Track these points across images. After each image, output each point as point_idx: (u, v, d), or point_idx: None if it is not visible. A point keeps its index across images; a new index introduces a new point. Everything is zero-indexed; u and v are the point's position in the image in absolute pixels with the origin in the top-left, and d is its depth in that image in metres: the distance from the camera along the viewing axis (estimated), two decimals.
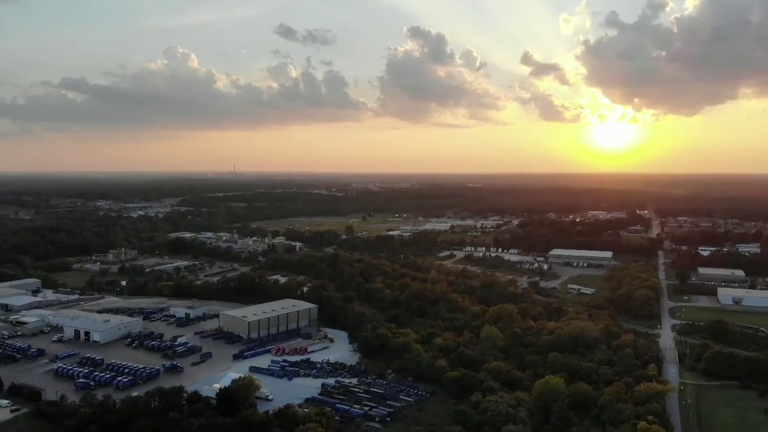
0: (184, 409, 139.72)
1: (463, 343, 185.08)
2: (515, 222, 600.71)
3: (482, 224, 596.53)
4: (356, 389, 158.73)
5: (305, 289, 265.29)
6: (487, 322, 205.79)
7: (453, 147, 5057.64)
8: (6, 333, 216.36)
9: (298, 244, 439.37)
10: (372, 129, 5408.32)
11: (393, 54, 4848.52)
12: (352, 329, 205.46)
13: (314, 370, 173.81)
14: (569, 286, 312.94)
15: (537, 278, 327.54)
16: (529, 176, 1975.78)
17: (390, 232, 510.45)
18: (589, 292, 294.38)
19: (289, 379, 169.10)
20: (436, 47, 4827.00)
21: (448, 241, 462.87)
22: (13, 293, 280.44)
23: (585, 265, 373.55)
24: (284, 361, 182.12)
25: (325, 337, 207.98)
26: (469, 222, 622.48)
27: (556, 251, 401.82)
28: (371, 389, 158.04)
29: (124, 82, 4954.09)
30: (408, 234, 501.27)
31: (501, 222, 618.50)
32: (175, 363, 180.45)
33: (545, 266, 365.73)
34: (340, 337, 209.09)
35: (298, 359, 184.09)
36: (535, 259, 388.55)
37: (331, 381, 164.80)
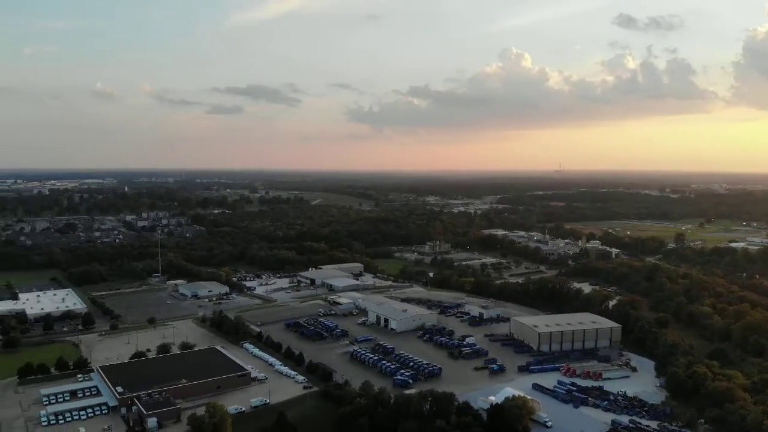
0: (452, 419, 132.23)
1: None
2: None
3: None
4: None
5: (611, 303, 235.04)
6: None
7: None
8: (322, 311, 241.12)
9: (614, 251, 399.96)
10: (722, 121, 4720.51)
11: (751, 35, 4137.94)
12: (662, 360, 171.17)
13: (606, 402, 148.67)
14: None
15: None
16: None
17: (732, 244, 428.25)
18: None
19: (575, 407, 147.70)
20: None
21: None
22: (339, 275, 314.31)
23: None
24: (573, 384, 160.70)
25: (627, 364, 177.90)
26: None
27: None
28: None
29: (461, 87, 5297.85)
30: (757, 247, 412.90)
31: None
32: (501, 365, 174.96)
33: None
34: (644, 366, 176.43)
35: (590, 385, 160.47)
36: None
37: (624, 419, 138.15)
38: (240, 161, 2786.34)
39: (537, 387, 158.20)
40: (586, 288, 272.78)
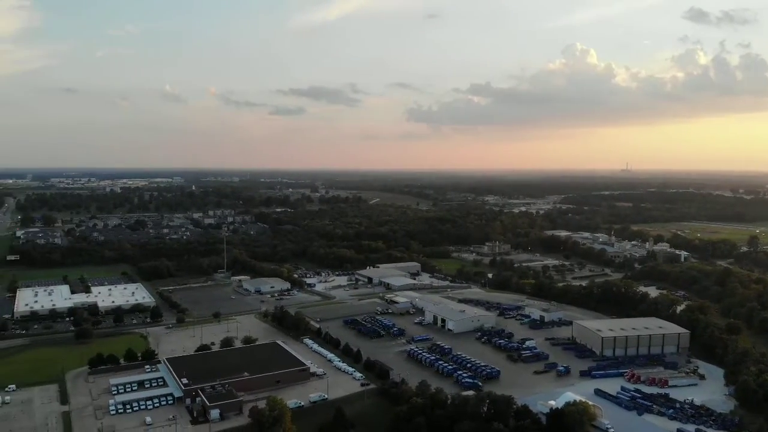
0: (510, 422, 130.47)
1: None
2: None
3: None
4: None
5: (679, 308, 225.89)
6: None
7: None
8: (379, 309, 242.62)
9: (683, 254, 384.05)
10: None
11: None
12: (731, 368, 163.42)
13: (671, 410, 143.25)
14: None
15: None
16: None
17: None
18: None
19: (639, 414, 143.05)
20: None
21: None
22: (396, 274, 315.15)
23: None
24: (637, 390, 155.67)
25: (694, 371, 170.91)
26: None
27: None
28: None
29: (523, 84, 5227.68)
30: None
31: None
32: (567, 367, 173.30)
33: None
34: (713, 374, 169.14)
35: (655, 392, 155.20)
36: None
37: (690, 428, 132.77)
38: (301, 161, 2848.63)
39: (599, 392, 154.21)
40: (653, 292, 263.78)
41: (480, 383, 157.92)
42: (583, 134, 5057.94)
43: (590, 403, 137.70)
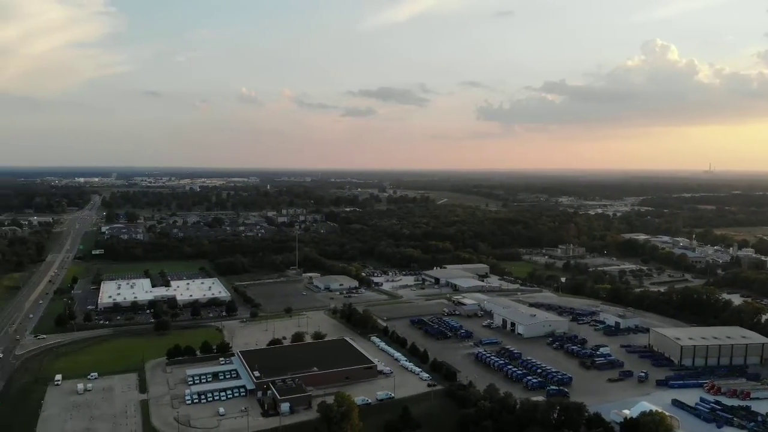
0: (582, 430, 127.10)
1: None
2: None
3: None
4: None
5: (764, 317, 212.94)
6: None
7: None
8: (446, 311, 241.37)
9: None
10: None
11: None
12: None
13: (752, 423, 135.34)
14: None
15: None
16: None
17: None
18: None
19: (718, 427, 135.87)
20: None
21: None
22: (464, 275, 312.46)
23: None
24: (717, 402, 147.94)
25: None
26: None
27: None
28: None
29: (599, 82, 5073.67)
30: None
31: None
32: (646, 372, 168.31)
33: None
34: None
35: (736, 404, 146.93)
36: None
37: None
38: (370, 161, 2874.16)
39: (676, 403, 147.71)
40: (737, 300, 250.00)
41: (566, 390, 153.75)
42: (663, 133, 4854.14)
43: (667, 413, 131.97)
